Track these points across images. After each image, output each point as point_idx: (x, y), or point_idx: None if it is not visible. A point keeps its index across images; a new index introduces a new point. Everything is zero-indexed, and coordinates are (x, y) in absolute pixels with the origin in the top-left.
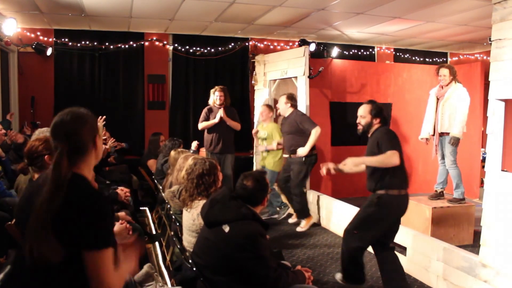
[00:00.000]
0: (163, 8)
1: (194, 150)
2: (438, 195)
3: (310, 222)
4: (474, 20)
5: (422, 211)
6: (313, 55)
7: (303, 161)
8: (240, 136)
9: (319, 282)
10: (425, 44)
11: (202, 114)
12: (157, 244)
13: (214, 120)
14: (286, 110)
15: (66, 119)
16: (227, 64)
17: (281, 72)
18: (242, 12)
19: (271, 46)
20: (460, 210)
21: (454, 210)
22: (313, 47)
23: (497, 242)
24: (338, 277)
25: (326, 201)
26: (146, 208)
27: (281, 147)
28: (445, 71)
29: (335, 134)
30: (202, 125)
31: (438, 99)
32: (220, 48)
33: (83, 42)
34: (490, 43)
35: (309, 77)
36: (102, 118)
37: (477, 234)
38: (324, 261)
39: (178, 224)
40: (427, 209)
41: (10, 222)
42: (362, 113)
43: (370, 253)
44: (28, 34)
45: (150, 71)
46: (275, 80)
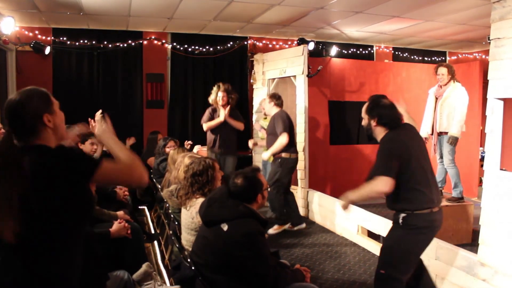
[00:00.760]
0: (162, 6)
1: (202, 148)
2: None
3: (281, 229)
4: (473, 19)
5: None
6: (311, 54)
7: (279, 162)
8: (239, 135)
9: (318, 280)
10: (424, 43)
11: (206, 114)
12: (155, 243)
13: (219, 118)
14: (271, 109)
15: (11, 100)
16: (226, 63)
17: (279, 71)
18: (241, 10)
19: (270, 45)
20: (458, 209)
21: (453, 209)
22: (311, 46)
23: (496, 241)
24: None
25: (325, 200)
26: (145, 207)
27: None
28: (443, 70)
29: (334, 133)
30: (206, 125)
31: (436, 99)
32: (218, 47)
33: (82, 41)
34: (489, 42)
35: (308, 76)
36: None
37: (475, 233)
38: (322, 260)
39: (176, 223)
40: None
41: None
42: (362, 112)
43: (369, 251)
44: (26, 32)
45: (149, 70)
46: (274, 79)
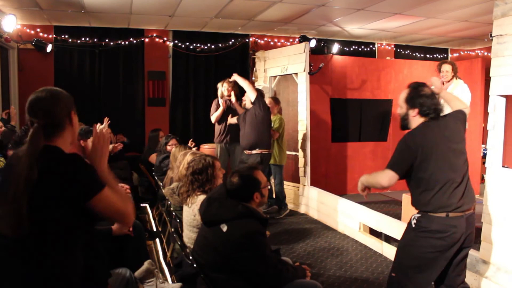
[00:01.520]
0: (163, 4)
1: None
2: None
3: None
4: (475, 16)
5: None
6: (313, 52)
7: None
8: None
9: (320, 278)
10: (425, 40)
11: (213, 106)
12: (157, 240)
13: (220, 108)
14: (248, 102)
15: (41, 96)
16: (228, 60)
17: (281, 68)
18: (242, 8)
19: (272, 43)
20: None
21: None
22: (313, 43)
23: (498, 238)
24: None
25: (326, 197)
26: (147, 204)
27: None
28: (447, 67)
29: (336, 131)
30: (213, 116)
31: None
32: (220, 44)
33: (83, 39)
34: (491, 39)
35: (309, 73)
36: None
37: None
38: (324, 257)
39: (178, 220)
40: None
41: None
42: (399, 101)
43: (370, 249)
44: (28, 30)
45: (150, 68)
46: (276, 76)
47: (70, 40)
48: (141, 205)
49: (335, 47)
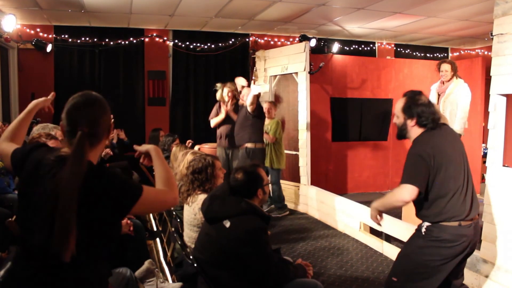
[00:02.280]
0: (163, 3)
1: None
2: None
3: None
4: (476, 15)
5: None
6: (313, 51)
7: (246, 152)
8: None
9: (320, 277)
10: (426, 39)
11: (214, 111)
12: (158, 240)
13: (221, 115)
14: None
15: (90, 103)
16: (228, 60)
17: (281, 67)
18: (243, 7)
19: (272, 42)
20: None
21: None
22: (313, 43)
23: (498, 237)
24: None
25: (327, 196)
26: None
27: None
28: (447, 67)
29: (336, 130)
30: (213, 121)
31: (439, 95)
32: (220, 44)
33: (83, 39)
34: (492, 38)
35: (309, 72)
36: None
37: None
38: (324, 256)
39: (178, 220)
40: None
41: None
42: (395, 110)
43: (371, 248)
44: (27, 30)
45: (150, 67)
46: (276, 76)
47: (70, 40)
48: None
49: (335, 47)
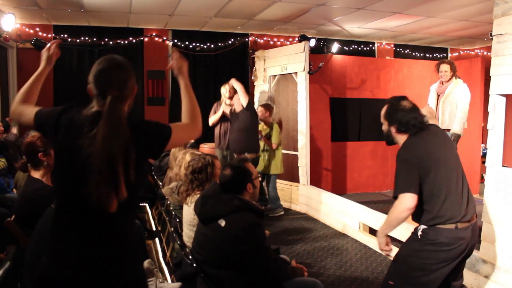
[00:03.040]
0: (163, 3)
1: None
2: None
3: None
4: (475, 15)
5: None
6: (313, 51)
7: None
8: None
9: (319, 277)
10: (425, 39)
11: (212, 110)
12: (157, 240)
13: (218, 113)
14: (238, 106)
15: (119, 66)
16: (227, 60)
17: (281, 67)
18: (242, 7)
19: (271, 42)
20: None
21: None
22: (313, 43)
23: (497, 237)
24: None
25: (326, 197)
26: (146, 204)
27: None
28: (446, 67)
29: (335, 130)
30: (211, 120)
31: (438, 96)
32: (219, 43)
33: (82, 38)
34: (491, 38)
35: (309, 72)
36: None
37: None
38: (324, 256)
39: (178, 220)
40: None
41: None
42: (381, 117)
43: (370, 248)
44: (27, 30)
45: (150, 67)
46: (275, 76)
47: (70, 39)
48: (140, 204)
49: (335, 47)
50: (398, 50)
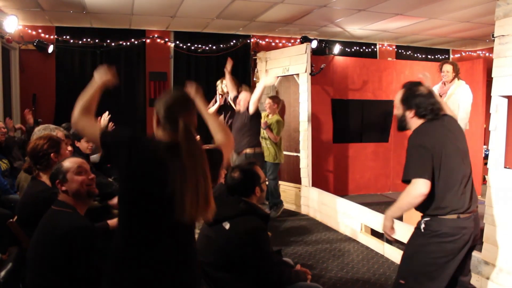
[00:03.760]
0: (165, 5)
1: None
2: None
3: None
4: (477, 16)
5: None
6: (314, 52)
7: (246, 157)
8: None
9: (321, 279)
10: (427, 41)
11: (212, 103)
12: None
13: (216, 104)
14: (243, 107)
15: (185, 98)
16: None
17: (283, 69)
18: (244, 9)
19: (273, 43)
20: None
21: None
22: (314, 44)
23: (500, 239)
24: None
25: (328, 198)
26: None
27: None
28: (448, 67)
29: (337, 132)
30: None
31: (440, 96)
32: (221, 45)
33: (85, 40)
34: (493, 40)
35: (310, 74)
36: (107, 114)
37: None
38: (326, 258)
39: None
40: None
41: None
42: (395, 102)
43: (372, 250)
44: (29, 31)
45: (152, 69)
46: (277, 77)
47: (72, 41)
48: None
49: (337, 48)
50: (400, 51)
